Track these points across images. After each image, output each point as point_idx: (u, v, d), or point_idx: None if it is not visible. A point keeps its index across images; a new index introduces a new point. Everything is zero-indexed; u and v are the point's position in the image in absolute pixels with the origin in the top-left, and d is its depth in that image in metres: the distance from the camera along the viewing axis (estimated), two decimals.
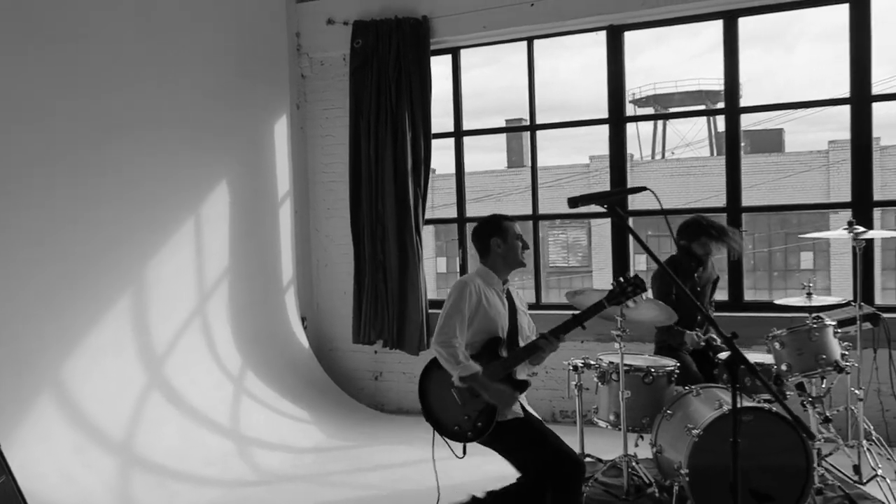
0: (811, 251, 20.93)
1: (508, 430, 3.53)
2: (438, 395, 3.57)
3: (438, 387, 3.56)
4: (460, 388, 3.47)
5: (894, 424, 5.22)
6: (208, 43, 5.94)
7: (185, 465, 4.88)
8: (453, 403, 3.52)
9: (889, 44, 36.65)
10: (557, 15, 6.03)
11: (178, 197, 5.59)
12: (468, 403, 3.49)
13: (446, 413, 3.56)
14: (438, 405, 3.59)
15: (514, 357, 3.53)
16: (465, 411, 3.50)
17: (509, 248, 3.63)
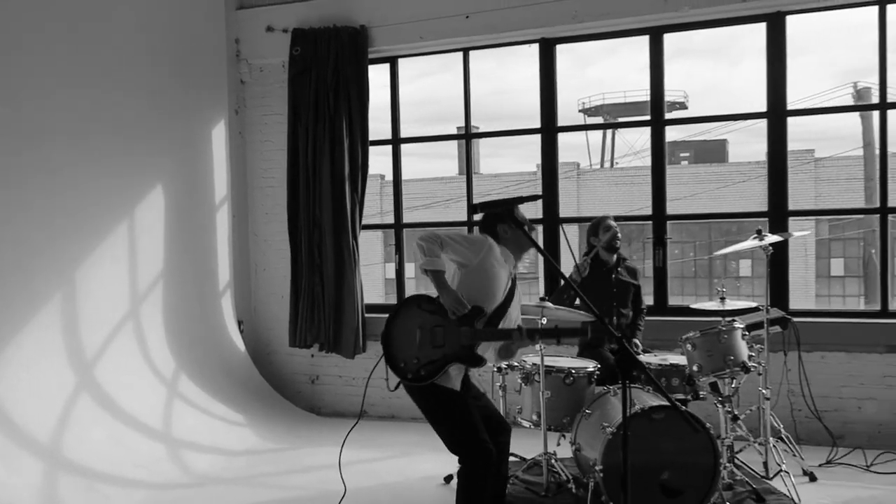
0: (749, 258, 21.58)
1: (439, 397, 3.61)
2: (404, 327, 3.60)
3: (408, 320, 3.60)
4: (424, 330, 3.54)
5: (805, 423, 5.48)
6: (145, 48, 5.96)
7: (114, 468, 4.89)
8: (411, 341, 3.56)
9: (824, 60, 37.93)
10: (491, 28, 6.20)
11: (110, 202, 5.59)
12: (424, 349, 3.54)
13: (401, 346, 3.59)
14: (399, 336, 3.60)
15: (486, 333, 3.59)
16: (418, 354, 3.55)
17: (516, 235, 3.68)
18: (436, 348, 3.53)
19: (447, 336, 3.53)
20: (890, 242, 5.77)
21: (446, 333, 3.53)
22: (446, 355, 3.53)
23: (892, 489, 4.61)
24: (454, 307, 3.51)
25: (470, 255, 3.58)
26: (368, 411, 6.77)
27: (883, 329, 5.51)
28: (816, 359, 5.59)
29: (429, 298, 3.64)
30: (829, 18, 36.79)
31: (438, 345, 3.53)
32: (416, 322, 3.58)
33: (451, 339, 3.53)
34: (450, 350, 3.53)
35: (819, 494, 4.53)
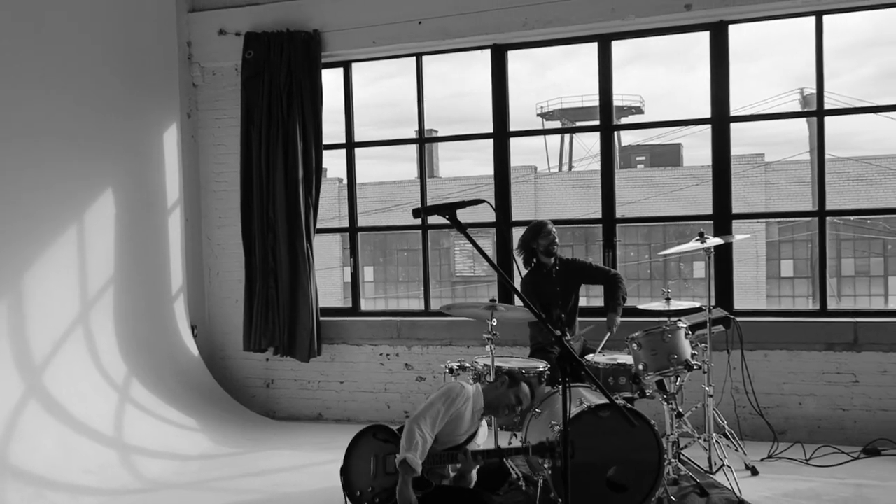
0: (702, 261, 21.95)
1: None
2: (360, 457, 3.91)
3: (365, 450, 3.91)
4: (378, 461, 3.84)
5: (749, 420, 5.65)
6: (95, 50, 5.91)
7: (63, 475, 4.84)
8: (366, 470, 3.86)
9: (774, 65, 38.86)
10: (443, 33, 6.28)
11: (59, 206, 5.53)
12: (378, 478, 3.84)
13: (357, 475, 3.90)
14: (355, 465, 3.92)
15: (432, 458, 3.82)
16: (372, 483, 3.85)
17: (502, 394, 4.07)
18: (388, 475, 3.82)
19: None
20: (829, 244, 5.97)
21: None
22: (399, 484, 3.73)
23: (829, 481, 4.78)
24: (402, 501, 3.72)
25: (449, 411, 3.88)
26: (325, 414, 6.80)
27: (822, 328, 5.71)
28: (759, 357, 5.76)
29: (384, 428, 3.94)
30: (779, 26, 37.67)
31: (390, 472, 3.81)
32: (370, 451, 3.89)
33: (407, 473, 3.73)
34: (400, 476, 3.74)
35: (760, 488, 4.68)
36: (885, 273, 22.23)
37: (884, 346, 5.54)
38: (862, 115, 6.45)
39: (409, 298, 24.17)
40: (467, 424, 4.01)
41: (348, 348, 6.70)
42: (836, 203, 21.34)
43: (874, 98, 23.21)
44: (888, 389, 5.54)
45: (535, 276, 5.47)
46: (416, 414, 3.83)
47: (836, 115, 6.22)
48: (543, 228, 5.47)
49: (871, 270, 22.66)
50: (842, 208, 20.95)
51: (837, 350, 5.65)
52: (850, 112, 6.89)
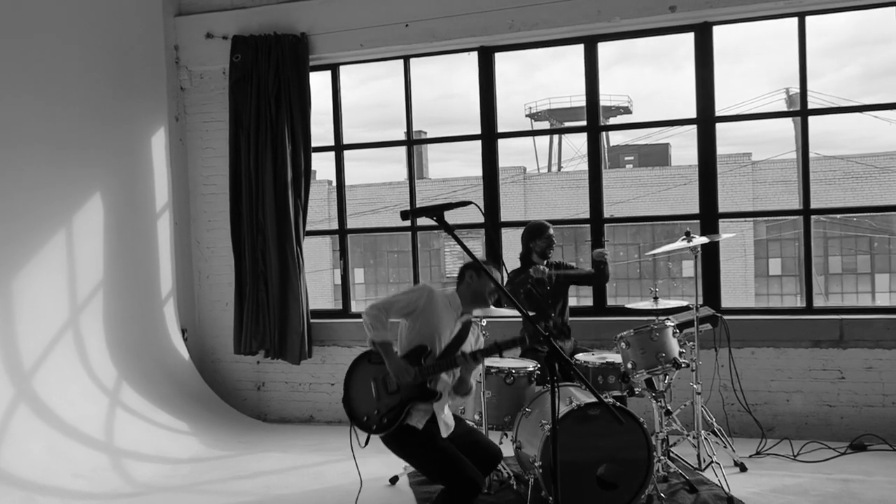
0: (691, 259, 22.08)
1: (411, 441, 3.81)
2: (359, 384, 3.86)
3: (362, 377, 3.86)
4: (378, 383, 3.78)
5: (738, 417, 5.70)
6: (83, 55, 5.91)
7: (53, 479, 4.84)
8: (369, 395, 3.81)
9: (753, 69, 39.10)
10: (431, 36, 6.31)
11: (48, 210, 5.53)
12: (382, 399, 3.78)
13: (360, 402, 3.84)
14: (356, 393, 3.86)
15: (431, 367, 3.79)
16: (377, 405, 3.79)
17: (479, 286, 3.93)
18: (391, 395, 3.78)
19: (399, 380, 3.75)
20: (816, 242, 6.03)
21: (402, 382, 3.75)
22: (402, 399, 3.77)
23: (816, 476, 4.84)
24: (398, 373, 3.72)
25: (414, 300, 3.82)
26: (316, 416, 6.81)
27: (808, 325, 5.77)
28: (747, 354, 5.82)
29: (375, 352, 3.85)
30: (764, 27, 37.87)
31: (393, 391, 3.77)
32: (369, 376, 3.84)
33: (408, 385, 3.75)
34: (405, 393, 3.77)
35: (748, 483, 4.73)
36: (871, 270, 22.41)
37: (869, 342, 5.61)
38: (846, 114, 6.51)
39: None
40: (445, 320, 3.90)
41: (339, 350, 6.72)
42: (822, 201, 21.51)
43: (858, 97, 23.52)
44: (874, 385, 5.61)
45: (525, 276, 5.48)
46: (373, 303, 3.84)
47: (820, 114, 6.28)
48: (544, 232, 5.50)
49: (857, 268, 22.85)
50: (827, 206, 21.15)
51: (824, 347, 5.71)
52: (834, 111, 6.98)
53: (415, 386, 3.77)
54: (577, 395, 4.50)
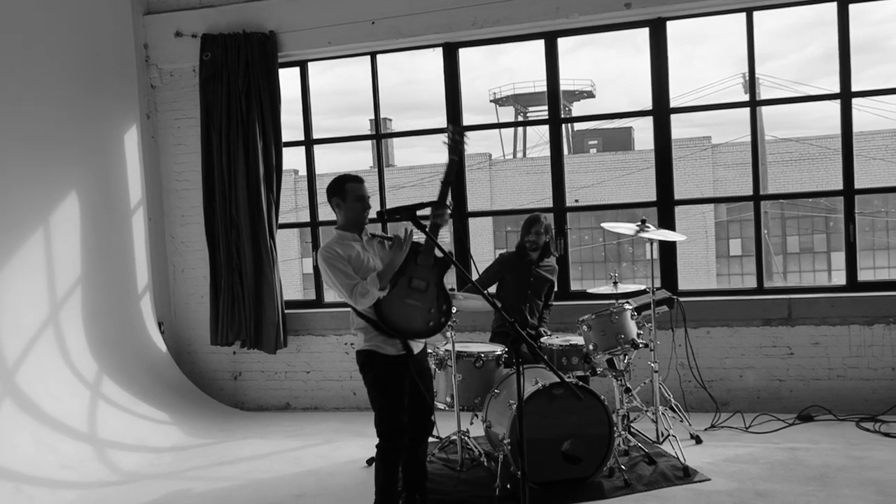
0: (656, 242, 22.59)
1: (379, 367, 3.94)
2: (400, 314, 3.90)
3: (396, 308, 3.90)
4: (411, 292, 3.89)
5: (694, 393, 6.03)
6: (54, 54, 6.01)
7: (40, 470, 5.00)
8: (416, 308, 3.91)
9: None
10: (396, 32, 6.50)
11: (24, 210, 5.64)
12: (426, 299, 3.92)
13: (416, 320, 3.93)
14: (406, 321, 3.91)
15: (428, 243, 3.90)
16: (429, 306, 3.93)
17: (348, 209, 3.98)
18: (427, 290, 3.91)
19: (422, 275, 3.91)
20: (775, 223, 6.37)
21: (420, 275, 3.91)
22: (437, 283, 3.93)
23: (766, 446, 5.18)
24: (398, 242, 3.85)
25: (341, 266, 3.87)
26: (292, 404, 7.02)
27: (759, 304, 6.11)
28: (702, 334, 6.15)
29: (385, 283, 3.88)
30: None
31: (425, 288, 3.91)
32: (398, 301, 3.89)
33: (423, 274, 3.91)
34: (433, 279, 3.93)
35: (703, 455, 5.06)
36: (828, 249, 23.11)
37: (815, 319, 5.97)
38: (795, 105, 6.83)
39: None
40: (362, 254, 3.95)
41: (313, 339, 6.93)
42: (780, 183, 22.11)
43: (818, 78, 24.10)
44: (820, 360, 5.97)
45: (515, 260, 5.72)
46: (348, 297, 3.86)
47: (769, 104, 6.59)
48: (532, 227, 5.63)
49: (814, 247, 23.54)
50: (782, 190, 21.74)
51: (774, 325, 6.06)
52: (781, 102, 7.33)
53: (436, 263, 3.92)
54: (543, 375, 4.77)
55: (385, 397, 3.96)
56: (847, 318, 5.92)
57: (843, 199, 6.12)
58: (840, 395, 5.90)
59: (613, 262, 23.31)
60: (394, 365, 3.96)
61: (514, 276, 5.69)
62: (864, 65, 41.06)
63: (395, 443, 3.94)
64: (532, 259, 5.68)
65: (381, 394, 3.97)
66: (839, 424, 5.59)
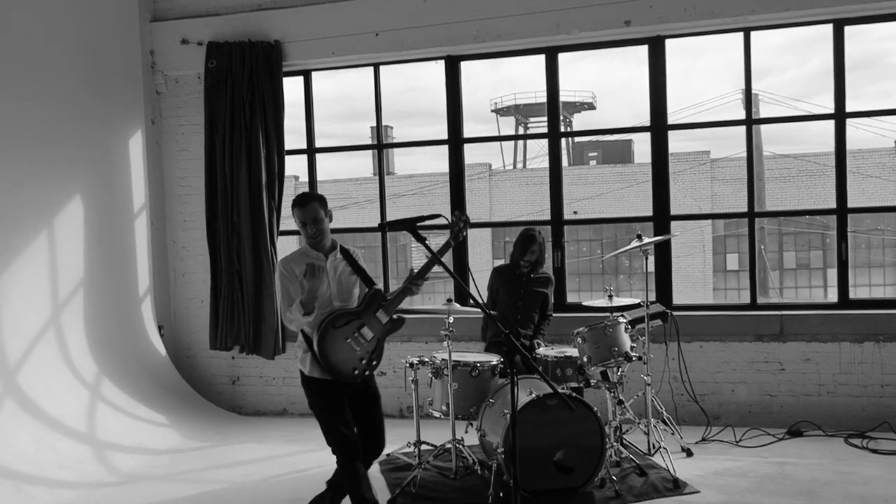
0: (652, 257, 22.71)
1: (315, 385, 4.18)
2: (337, 350, 4.11)
3: (338, 345, 4.12)
4: (356, 339, 4.13)
5: (687, 406, 6.11)
6: (61, 60, 6.11)
7: (40, 470, 5.08)
8: (353, 352, 4.14)
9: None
10: (399, 45, 6.61)
11: (29, 212, 5.73)
12: (364, 348, 4.16)
13: (346, 361, 4.13)
14: (337, 356, 4.11)
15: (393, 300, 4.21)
16: (363, 356, 4.16)
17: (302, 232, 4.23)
18: (370, 341, 4.17)
19: (372, 327, 4.19)
20: (772, 238, 6.47)
21: (370, 326, 4.18)
22: (379, 339, 4.21)
23: (755, 460, 5.26)
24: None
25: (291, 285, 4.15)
26: (289, 409, 7.09)
27: (751, 320, 6.19)
28: (695, 348, 6.22)
29: (337, 316, 4.15)
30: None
31: (370, 338, 4.18)
32: (342, 337, 4.13)
33: (375, 327, 4.19)
34: (380, 333, 4.21)
35: (693, 467, 5.13)
36: (824, 266, 23.21)
37: (806, 336, 6.05)
38: (792, 123, 6.94)
39: None
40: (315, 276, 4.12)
41: None
42: (778, 199, 22.22)
43: (818, 94, 24.23)
44: (811, 376, 6.05)
45: (509, 273, 5.82)
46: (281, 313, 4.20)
47: (765, 123, 6.71)
48: (528, 248, 5.70)
49: (811, 263, 23.64)
50: (782, 206, 21.84)
51: (766, 340, 6.14)
52: (777, 121, 7.45)
53: (386, 323, 4.20)
54: (538, 387, 4.85)
55: (327, 411, 4.17)
56: (838, 335, 6.00)
57: (835, 217, 6.21)
58: (830, 411, 5.98)
59: (611, 274, 23.40)
60: (321, 384, 4.18)
61: (507, 288, 5.78)
62: (865, 81, 41.31)
63: (349, 455, 4.14)
64: (524, 272, 5.77)
65: (321, 410, 4.19)
66: (828, 440, 5.67)
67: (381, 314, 4.19)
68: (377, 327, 4.18)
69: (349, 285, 4.28)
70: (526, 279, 5.78)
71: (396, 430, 6.14)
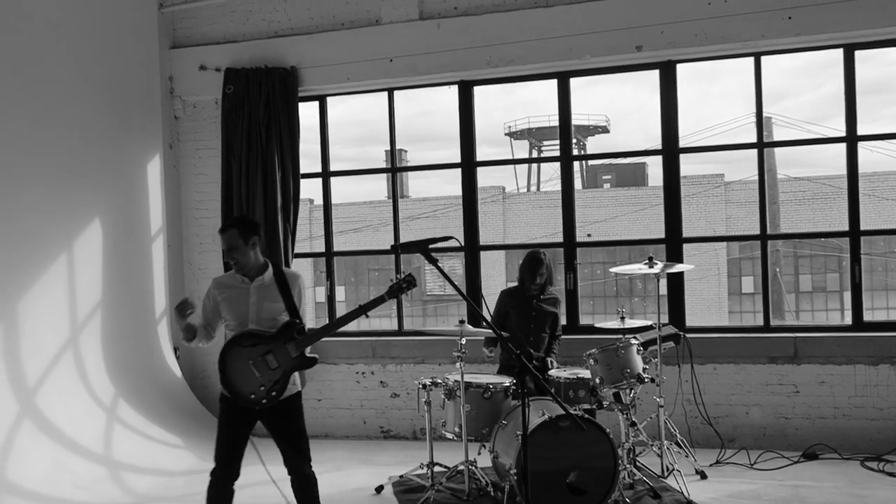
0: (665, 279, 22.64)
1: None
2: (237, 368, 4.05)
3: (238, 361, 4.06)
4: (258, 363, 4.01)
5: (701, 429, 6.09)
6: (82, 87, 6.24)
7: (56, 490, 5.13)
8: (252, 376, 4.03)
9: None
10: (413, 70, 6.71)
11: (50, 235, 5.84)
12: (265, 375, 4.03)
13: (245, 383, 4.05)
14: (237, 376, 4.06)
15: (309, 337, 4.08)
16: (262, 381, 4.03)
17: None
18: (274, 370, 4.04)
19: (278, 357, 4.03)
20: (788, 261, 6.49)
21: (276, 356, 4.03)
22: (285, 371, 4.04)
23: (769, 483, 5.23)
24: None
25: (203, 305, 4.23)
26: None
27: (765, 342, 6.19)
28: (709, 370, 6.22)
29: (246, 335, 4.08)
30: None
31: (274, 367, 4.04)
32: (245, 358, 4.05)
33: (282, 358, 4.04)
34: (286, 366, 4.04)
35: (707, 490, 5.11)
36: (840, 289, 23.03)
37: (820, 358, 6.03)
38: (806, 146, 6.96)
39: (381, 318, 24.45)
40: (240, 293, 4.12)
41: (325, 367, 7.04)
42: (793, 221, 22.13)
43: (832, 117, 24.20)
44: (825, 398, 6.03)
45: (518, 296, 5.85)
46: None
47: (776, 146, 6.74)
48: (536, 271, 5.72)
49: (827, 286, 23.47)
50: (796, 228, 21.75)
51: (780, 363, 6.12)
52: (789, 144, 7.48)
53: (295, 358, 4.03)
54: (551, 408, 4.86)
55: (218, 430, 4.23)
56: (852, 357, 5.98)
57: (848, 239, 6.21)
58: (845, 434, 5.94)
59: (625, 296, 23.33)
60: (227, 402, 4.16)
61: (519, 311, 5.80)
62: (882, 105, 41.20)
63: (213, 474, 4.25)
64: (534, 294, 5.80)
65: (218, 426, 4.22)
66: (844, 463, 5.63)
67: (290, 347, 4.02)
68: (284, 359, 4.02)
69: (272, 312, 4.09)
70: (536, 300, 5.81)
71: (409, 452, 6.19)
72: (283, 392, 4.07)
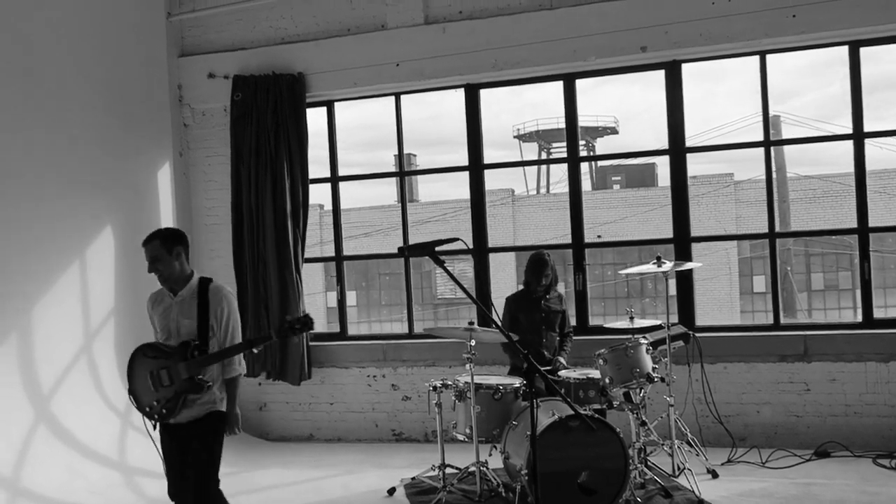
0: (674, 279, 22.58)
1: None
2: (139, 377, 4.04)
3: (140, 370, 4.04)
4: (153, 377, 3.96)
5: (712, 428, 6.09)
6: (92, 95, 6.32)
7: (70, 495, 5.19)
8: (147, 388, 4.00)
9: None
10: (420, 74, 6.75)
11: (62, 243, 5.91)
12: (159, 391, 3.97)
13: (143, 393, 4.03)
14: (139, 384, 4.05)
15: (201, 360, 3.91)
16: (156, 396, 3.97)
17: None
18: (167, 387, 3.95)
19: (172, 375, 3.93)
20: (800, 259, 6.49)
21: (171, 373, 3.93)
22: (177, 391, 3.93)
23: (781, 481, 5.23)
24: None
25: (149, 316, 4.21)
26: (316, 434, 7.15)
27: (775, 341, 6.18)
28: (720, 369, 6.21)
29: (152, 346, 4.07)
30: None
31: (167, 384, 3.94)
32: (146, 369, 4.01)
33: (174, 376, 3.93)
34: (179, 386, 3.92)
35: (719, 489, 5.11)
36: (852, 287, 22.91)
37: (831, 356, 6.02)
38: (815, 144, 6.96)
39: (392, 322, 24.50)
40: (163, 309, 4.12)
41: (337, 371, 7.08)
42: (803, 220, 22.03)
43: (841, 116, 24.07)
44: (836, 396, 6.01)
45: (524, 299, 5.86)
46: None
47: (783, 144, 6.74)
48: (541, 273, 5.72)
49: (839, 284, 23.35)
50: (807, 227, 21.65)
51: (790, 361, 6.12)
52: (796, 142, 7.49)
53: (186, 380, 3.89)
54: (560, 408, 4.88)
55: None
56: (863, 354, 5.97)
57: (857, 236, 6.20)
58: (857, 432, 5.93)
59: (636, 297, 23.28)
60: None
61: (528, 314, 5.81)
62: (890, 102, 40.99)
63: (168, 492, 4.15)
64: (540, 294, 5.81)
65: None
66: (855, 461, 5.61)
67: (181, 367, 3.89)
68: (175, 378, 3.90)
69: (188, 328, 3.99)
70: (543, 301, 5.82)
71: (421, 454, 6.22)
72: (174, 413, 3.93)
